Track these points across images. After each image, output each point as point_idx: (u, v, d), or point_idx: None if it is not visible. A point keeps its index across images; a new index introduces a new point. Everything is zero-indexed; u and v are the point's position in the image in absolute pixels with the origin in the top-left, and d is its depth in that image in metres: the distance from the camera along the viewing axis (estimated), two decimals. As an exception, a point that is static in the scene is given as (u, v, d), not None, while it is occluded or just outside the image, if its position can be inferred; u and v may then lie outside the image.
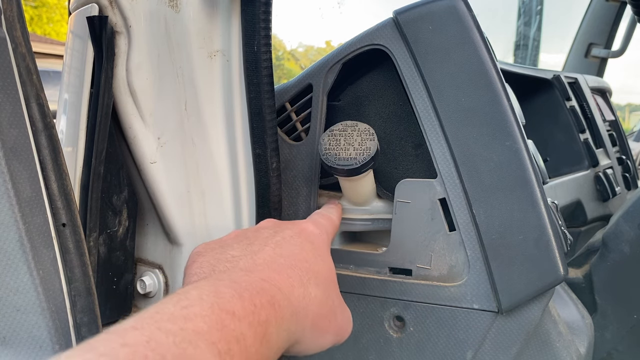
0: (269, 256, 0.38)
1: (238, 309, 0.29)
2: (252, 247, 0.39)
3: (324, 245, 0.44)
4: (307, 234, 0.43)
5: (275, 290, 0.33)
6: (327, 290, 0.40)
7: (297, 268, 0.38)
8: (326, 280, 0.40)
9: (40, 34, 12.32)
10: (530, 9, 2.30)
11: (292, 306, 0.34)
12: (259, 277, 0.34)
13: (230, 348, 0.27)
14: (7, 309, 0.35)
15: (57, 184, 0.38)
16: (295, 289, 0.36)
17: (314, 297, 0.37)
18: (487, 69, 0.49)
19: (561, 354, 0.51)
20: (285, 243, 0.40)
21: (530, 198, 0.48)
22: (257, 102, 0.51)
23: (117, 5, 0.49)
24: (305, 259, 0.39)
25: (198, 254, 0.39)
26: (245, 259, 0.37)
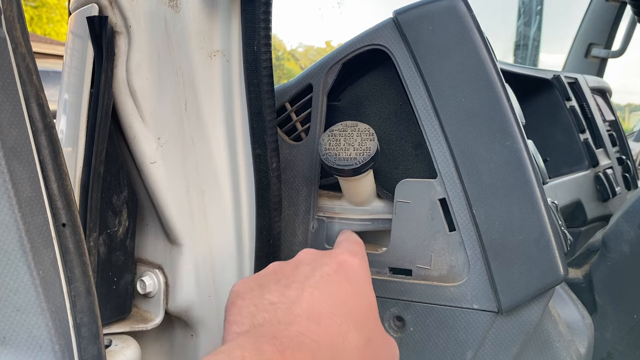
0: (307, 304, 0.37)
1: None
2: (289, 291, 0.39)
3: (365, 277, 0.43)
4: (346, 269, 0.42)
5: (315, 347, 0.33)
6: (368, 332, 0.39)
7: (336, 316, 0.37)
8: (368, 322, 0.40)
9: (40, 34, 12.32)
10: (530, 9, 2.30)
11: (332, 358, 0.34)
12: (298, 331, 0.34)
13: None
14: (7, 309, 0.35)
15: (57, 184, 0.38)
16: (334, 339, 0.36)
17: (354, 345, 0.37)
18: (487, 69, 0.49)
19: (561, 354, 0.51)
20: (323, 284, 0.39)
21: (530, 198, 0.48)
22: (257, 102, 0.51)
23: (117, 5, 0.49)
24: (344, 302, 0.39)
25: (237, 296, 0.39)
26: (283, 308, 0.37)
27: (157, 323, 0.55)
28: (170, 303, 0.55)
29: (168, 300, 0.56)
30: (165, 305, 0.56)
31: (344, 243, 0.48)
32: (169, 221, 0.53)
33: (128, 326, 0.54)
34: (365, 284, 0.42)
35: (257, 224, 0.54)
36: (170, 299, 0.55)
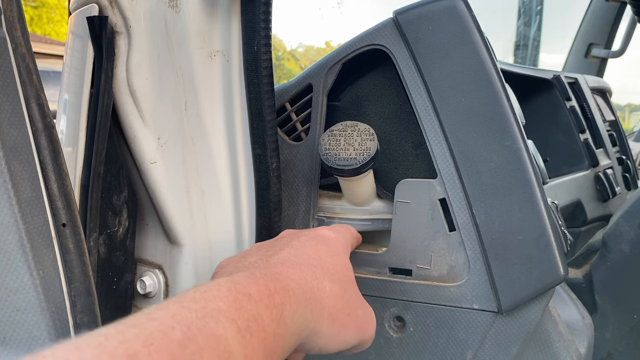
0: (283, 257, 0.40)
1: (254, 292, 0.31)
2: (268, 252, 0.41)
3: (340, 247, 0.45)
4: (322, 238, 0.44)
5: (289, 280, 0.35)
6: (343, 286, 0.41)
7: (311, 265, 0.39)
8: (342, 278, 0.41)
9: (40, 34, 12.32)
10: (530, 9, 2.30)
11: (306, 294, 0.35)
12: (272, 270, 0.36)
13: (249, 325, 0.28)
14: (7, 309, 0.35)
15: (57, 184, 0.38)
16: (309, 281, 0.37)
17: (329, 290, 0.38)
18: (487, 69, 0.49)
19: (561, 354, 0.51)
20: (300, 246, 0.42)
21: (530, 198, 0.48)
22: (257, 102, 0.51)
23: (117, 5, 0.49)
24: (319, 258, 0.41)
25: (220, 267, 0.42)
26: (261, 261, 0.40)
27: (157, 323, 0.55)
28: (170, 303, 0.55)
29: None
30: (165, 305, 0.56)
31: (334, 225, 0.51)
32: (169, 221, 0.53)
33: (128, 326, 0.54)
34: (340, 250, 0.44)
35: (257, 224, 0.54)
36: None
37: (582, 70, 1.66)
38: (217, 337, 0.26)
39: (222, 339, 0.26)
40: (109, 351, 0.21)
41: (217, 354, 0.25)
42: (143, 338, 0.23)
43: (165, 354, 0.23)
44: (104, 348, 0.22)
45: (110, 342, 0.22)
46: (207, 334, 0.26)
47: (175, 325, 0.25)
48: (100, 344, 0.22)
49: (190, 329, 0.25)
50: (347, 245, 0.47)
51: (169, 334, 0.24)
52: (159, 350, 0.23)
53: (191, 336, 0.25)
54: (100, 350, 0.21)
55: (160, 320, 0.25)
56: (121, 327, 0.23)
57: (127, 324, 0.24)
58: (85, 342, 0.22)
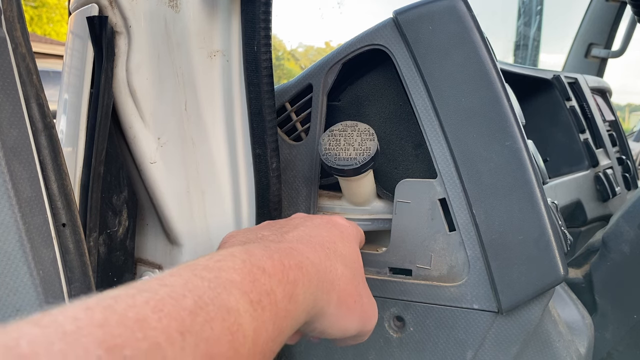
0: (298, 235, 0.40)
1: (268, 267, 0.31)
2: (282, 229, 0.41)
3: (353, 236, 0.45)
4: (336, 223, 0.44)
5: (303, 257, 0.35)
6: (353, 271, 0.41)
7: (325, 247, 0.39)
8: (353, 264, 0.41)
9: (40, 34, 12.32)
10: (530, 9, 2.30)
11: (319, 273, 0.35)
12: (287, 245, 0.36)
13: (261, 299, 0.28)
14: (7, 309, 0.35)
15: (57, 184, 0.38)
16: (323, 261, 0.37)
17: (340, 273, 0.38)
18: (487, 69, 0.49)
19: (561, 354, 0.51)
20: (314, 227, 0.42)
21: (530, 198, 0.48)
22: (257, 102, 0.51)
23: (117, 5, 0.49)
24: (333, 241, 0.41)
25: (230, 236, 0.41)
26: (275, 236, 0.39)
27: (157, 323, 0.55)
28: (170, 303, 0.55)
29: (168, 300, 0.56)
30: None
31: None
32: (169, 221, 0.53)
33: (128, 326, 0.54)
34: (353, 238, 0.44)
35: (257, 224, 0.54)
36: (170, 299, 0.55)
37: (582, 70, 1.66)
38: (228, 309, 0.26)
39: (233, 310, 0.26)
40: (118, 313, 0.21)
41: (227, 326, 0.25)
42: (153, 303, 0.23)
43: (175, 321, 0.23)
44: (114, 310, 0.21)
45: (120, 304, 0.22)
46: (219, 305, 0.25)
47: (186, 294, 0.24)
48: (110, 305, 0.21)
49: (202, 298, 0.25)
50: (359, 236, 0.47)
51: (180, 301, 0.24)
52: (169, 316, 0.22)
53: (203, 305, 0.24)
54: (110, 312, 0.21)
55: (172, 287, 0.24)
56: (132, 291, 0.23)
57: (138, 288, 0.24)
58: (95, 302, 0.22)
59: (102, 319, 0.21)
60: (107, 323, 0.20)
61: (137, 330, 0.21)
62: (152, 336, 0.21)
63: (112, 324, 0.20)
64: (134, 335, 0.21)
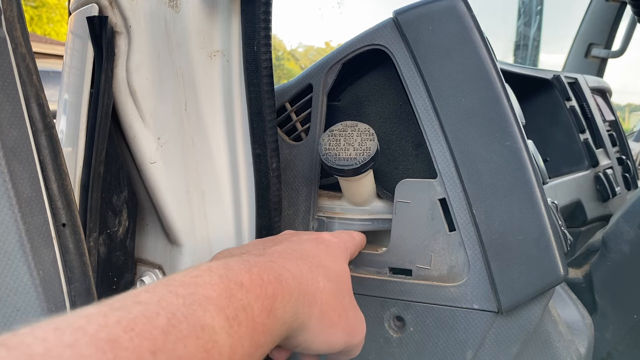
0: (280, 249, 0.39)
1: (246, 281, 0.30)
2: (266, 244, 0.42)
3: (339, 251, 0.44)
4: (322, 239, 0.44)
5: (284, 270, 0.35)
6: (338, 285, 0.40)
7: (307, 261, 0.39)
8: (338, 278, 0.41)
9: (40, 34, 12.31)
10: (530, 9, 2.30)
11: (300, 286, 0.35)
12: (267, 259, 0.35)
13: (237, 315, 0.28)
14: (7, 309, 0.35)
15: (57, 184, 0.38)
16: (304, 274, 0.37)
17: (322, 286, 0.38)
18: (487, 69, 0.49)
19: (561, 354, 0.51)
20: (299, 242, 0.42)
21: (530, 198, 0.48)
22: (257, 102, 0.51)
23: (117, 5, 0.49)
24: (317, 255, 0.40)
25: (218, 254, 0.42)
26: (257, 250, 0.39)
27: (157, 323, 0.55)
28: (170, 303, 0.55)
29: (168, 300, 0.56)
30: (165, 305, 0.56)
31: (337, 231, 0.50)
32: (169, 221, 0.53)
33: (128, 326, 0.54)
34: (339, 254, 0.44)
35: (257, 224, 0.54)
36: (170, 299, 0.55)
37: (582, 70, 1.66)
38: (203, 326, 0.25)
39: (208, 327, 0.26)
40: (89, 334, 0.21)
41: (202, 343, 0.25)
42: (125, 323, 0.22)
43: (147, 340, 0.22)
44: (85, 331, 0.21)
45: (91, 325, 0.21)
46: (193, 323, 0.25)
47: (160, 312, 0.24)
48: (81, 326, 0.21)
49: (176, 315, 0.24)
50: (347, 252, 0.46)
51: (153, 320, 0.23)
52: (140, 336, 0.22)
53: (176, 323, 0.24)
54: (80, 333, 0.21)
55: (146, 304, 0.24)
56: (104, 309, 0.23)
57: (111, 306, 0.23)
58: (66, 323, 0.21)
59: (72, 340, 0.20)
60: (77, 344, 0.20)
61: (108, 351, 0.21)
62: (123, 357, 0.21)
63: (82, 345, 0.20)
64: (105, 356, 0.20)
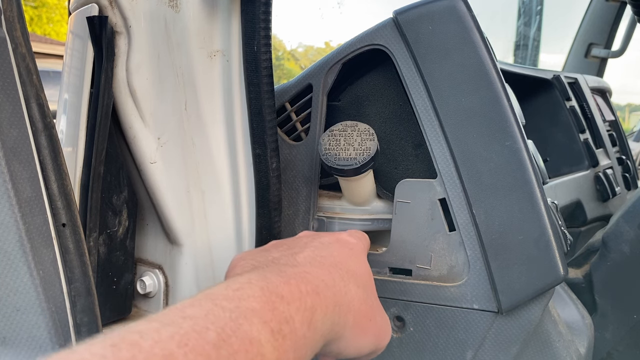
0: (309, 256, 0.39)
1: (286, 293, 0.30)
2: (292, 250, 0.41)
3: (362, 252, 0.45)
4: (344, 241, 0.44)
5: (319, 281, 0.35)
6: (366, 290, 0.40)
7: (337, 267, 0.39)
8: (365, 282, 0.41)
9: (40, 34, 12.31)
10: (530, 9, 2.30)
11: (335, 297, 0.35)
12: (302, 270, 0.35)
13: (281, 328, 0.28)
14: (7, 309, 0.35)
15: (57, 184, 0.38)
16: (337, 283, 0.37)
17: (354, 294, 0.38)
18: (487, 69, 0.49)
19: (561, 354, 0.51)
20: (323, 247, 0.41)
21: (530, 198, 0.48)
22: (257, 102, 0.51)
23: (117, 5, 0.49)
24: (344, 261, 0.40)
25: (239, 259, 0.40)
26: (286, 258, 0.39)
27: (157, 323, 0.55)
28: (170, 303, 0.55)
29: (168, 300, 0.56)
30: (165, 305, 0.56)
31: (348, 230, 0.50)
32: (169, 221, 0.53)
33: (128, 326, 0.54)
34: (362, 255, 0.44)
35: (257, 224, 0.54)
36: (171, 299, 0.55)
37: (582, 70, 1.66)
38: (250, 340, 0.26)
39: (255, 341, 0.26)
40: (145, 350, 0.21)
41: (251, 357, 0.25)
42: (178, 338, 0.23)
43: (201, 356, 0.23)
44: (141, 347, 0.21)
45: (146, 340, 0.22)
46: (242, 336, 0.25)
47: (209, 326, 0.25)
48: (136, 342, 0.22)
49: (225, 330, 0.25)
50: (366, 252, 0.47)
51: (203, 335, 0.24)
52: (194, 351, 0.23)
53: (226, 337, 0.25)
54: (137, 349, 0.21)
55: (195, 319, 0.25)
56: (155, 325, 0.23)
57: (161, 322, 0.24)
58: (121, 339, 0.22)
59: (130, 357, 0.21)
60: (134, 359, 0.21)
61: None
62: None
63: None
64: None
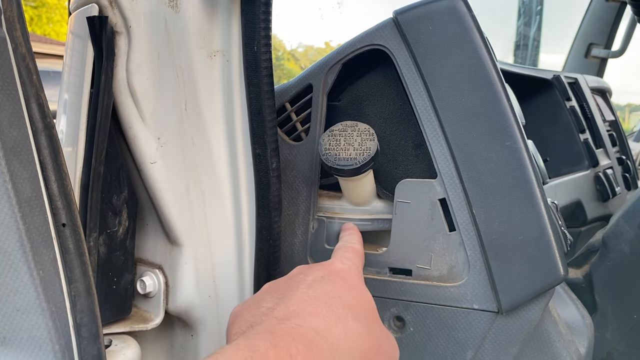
0: (302, 300, 0.38)
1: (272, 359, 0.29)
2: (284, 295, 0.39)
3: (356, 277, 0.44)
4: (336, 272, 0.43)
5: (313, 334, 0.33)
6: (368, 322, 0.39)
7: (332, 306, 0.38)
8: (365, 312, 0.40)
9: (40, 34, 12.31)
10: (530, 9, 2.30)
11: (332, 347, 0.34)
12: (294, 323, 0.34)
13: None
14: (7, 309, 0.35)
15: (57, 184, 0.38)
16: (334, 328, 0.35)
17: (355, 332, 0.37)
18: (487, 69, 0.49)
19: (561, 354, 0.51)
20: (316, 284, 0.40)
21: (530, 198, 0.48)
22: (257, 102, 0.51)
23: (117, 6, 0.49)
24: (339, 295, 0.39)
25: (235, 315, 0.40)
26: (279, 307, 0.37)
27: (157, 323, 0.55)
28: (170, 303, 0.55)
29: (168, 300, 0.56)
30: (165, 305, 0.56)
31: (338, 251, 0.49)
32: (169, 221, 0.53)
33: (128, 326, 0.54)
34: (358, 282, 0.43)
35: (257, 224, 0.54)
36: (170, 299, 0.55)
37: (582, 70, 1.66)
38: None
39: None
40: None
41: None
42: None
43: None
44: None
45: None
46: None
47: None
48: None
49: None
50: (360, 273, 0.46)
51: None
52: None
53: None
54: None
55: None
56: None
57: None
58: None
59: None
60: None
61: None
62: None
63: None
64: None
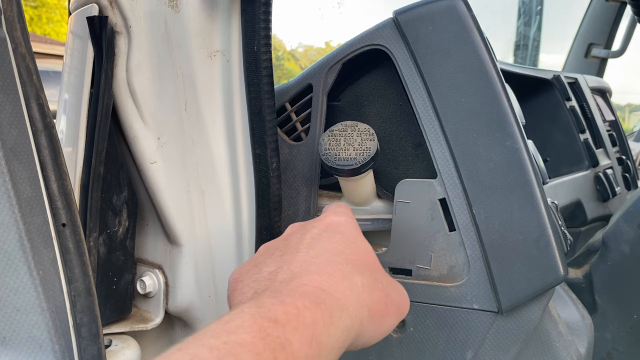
0: (304, 261, 0.37)
1: (280, 315, 0.29)
2: (285, 257, 0.39)
3: (354, 229, 0.43)
4: (333, 226, 0.42)
5: (319, 292, 0.33)
6: (372, 273, 0.39)
7: (335, 262, 0.37)
8: (368, 264, 0.40)
9: (40, 34, 12.32)
10: (530, 9, 2.30)
11: (339, 303, 0.34)
12: (299, 282, 0.34)
13: (276, 356, 0.27)
14: (7, 309, 0.35)
15: (57, 184, 0.38)
16: (339, 285, 0.35)
17: (361, 285, 0.36)
18: (487, 69, 0.49)
19: (561, 354, 0.51)
20: (315, 243, 0.40)
21: (530, 198, 0.48)
22: (257, 102, 0.51)
23: (117, 6, 0.49)
24: (341, 251, 0.39)
25: (236, 281, 0.39)
26: (282, 271, 0.37)
27: (157, 323, 0.55)
28: (170, 303, 0.55)
29: (168, 300, 0.56)
30: (165, 305, 0.56)
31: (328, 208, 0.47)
32: (169, 221, 0.53)
33: (128, 326, 0.54)
34: (357, 234, 0.42)
35: (257, 224, 0.54)
36: (170, 299, 0.55)
37: (582, 70, 1.66)
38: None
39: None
40: None
41: None
42: None
43: None
44: None
45: None
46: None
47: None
48: None
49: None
50: (357, 224, 0.45)
51: None
52: None
53: None
54: None
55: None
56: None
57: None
58: None
59: None
60: None
61: None
62: None
63: None
64: None
